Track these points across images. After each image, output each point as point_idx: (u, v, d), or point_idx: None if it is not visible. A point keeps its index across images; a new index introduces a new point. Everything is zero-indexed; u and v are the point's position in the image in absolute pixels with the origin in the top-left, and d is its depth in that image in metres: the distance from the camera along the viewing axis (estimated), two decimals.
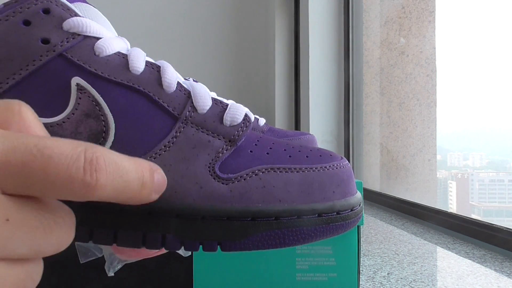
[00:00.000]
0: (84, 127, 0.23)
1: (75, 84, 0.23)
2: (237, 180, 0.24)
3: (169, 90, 0.24)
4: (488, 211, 1.32)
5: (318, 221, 0.24)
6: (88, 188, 0.18)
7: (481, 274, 0.56)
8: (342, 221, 0.25)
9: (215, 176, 0.23)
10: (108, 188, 0.18)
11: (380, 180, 1.34)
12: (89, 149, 0.18)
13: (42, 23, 0.23)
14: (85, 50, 0.24)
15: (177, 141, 0.24)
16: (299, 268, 0.45)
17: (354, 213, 0.25)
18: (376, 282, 0.52)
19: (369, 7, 1.45)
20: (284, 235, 0.24)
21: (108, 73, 0.24)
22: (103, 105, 0.23)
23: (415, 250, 0.68)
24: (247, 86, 2.03)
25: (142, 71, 0.24)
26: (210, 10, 2.02)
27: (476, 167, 1.46)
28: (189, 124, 0.24)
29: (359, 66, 1.49)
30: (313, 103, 1.53)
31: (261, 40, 2.05)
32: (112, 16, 0.28)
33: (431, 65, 1.21)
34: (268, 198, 0.24)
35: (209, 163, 0.24)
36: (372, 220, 0.95)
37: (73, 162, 0.17)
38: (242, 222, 0.23)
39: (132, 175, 0.19)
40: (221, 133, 0.25)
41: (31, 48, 0.23)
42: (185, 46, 1.99)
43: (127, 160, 0.19)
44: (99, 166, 0.18)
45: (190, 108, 0.25)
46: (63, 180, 0.17)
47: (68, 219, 0.19)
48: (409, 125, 1.25)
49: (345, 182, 0.25)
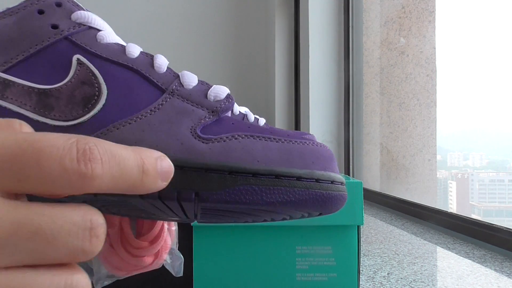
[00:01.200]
0: (78, 92, 0.25)
1: (76, 59, 0.26)
2: (217, 141, 0.25)
3: (159, 71, 0.27)
4: (488, 211, 1.32)
5: (297, 184, 0.24)
6: (84, 178, 0.17)
7: (481, 274, 0.56)
8: (322, 190, 0.25)
9: (196, 136, 0.25)
10: (106, 177, 0.18)
11: (380, 180, 1.34)
12: (81, 140, 0.18)
13: (54, 13, 0.27)
14: (89, 37, 0.27)
15: (162, 108, 0.25)
16: (299, 268, 0.45)
17: (335, 186, 0.25)
18: (376, 282, 0.52)
19: (369, 7, 1.45)
20: (262, 191, 0.24)
21: (106, 54, 0.27)
22: (98, 76, 0.26)
23: (415, 250, 0.68)
24: (247, 86, 2.03)
25: (137, 56, 0.27)
26: (210, 10, 2.02)
27: (476, 167, 1.46)
28: (175, 96, 0.26)
29: (359, 66, 1.49)
30: (313, 103, 1.53)
31: (261, 40, 2.05)
32: (112, 15, 0.30)
33: (431, 65, 1.21)
34: (246, 157, 0.24)
35: (192, 126, 0.25)
36: (372, 220, 0.95)
37: (66, 153, 0.17)
38: (220, 174, 0.24)
39: (130, 162, 0.19)
40: (204, 105, 0.26)
41: (42, 31, 0.26)
42: (185, 46, 1.99)
43: (124, 148, 0.19)
44: (93, 156, 0.17)
45: (177, 83, 0.27)
46: (57, 172, 0.17)
47: (81, 223, 0.18)
48: (409, 125, 1.25)
49: (325, 158, 0.26)
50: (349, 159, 1.50)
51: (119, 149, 0.19)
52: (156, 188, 0.20)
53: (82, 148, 0.17)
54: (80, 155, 0.17)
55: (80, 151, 0.17)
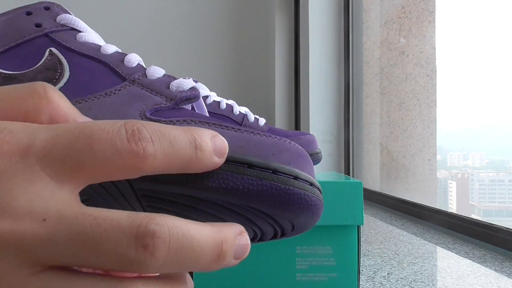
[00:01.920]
0: (40, 76, 0.26)
1: (48, 50, 0.27)
2: (165, 123, 0.23)
3: (128, 65, 0.28)
4: (488, 211, 1.32)
5: (249, 172, 0.21)
6: (137, 157, 0.17)
7: (481, 274, 0.56)
8: (279, 183, 0.21)
9: (144, 117, 0.24)
10: (159, 155, 0.18)
11: (380, 180, 1.34)
12: (128, 122, 0.18)
13: (40, 14, 0.29)
14: (68, 36, 0.28)
15: (119, 93, 0.26)
16: (299, 268, 0.45)
17: (300, 183, 0.21)
18: (376, 282, 0.52)
19: (369, 7, 1.45)
20: (204, 176, 0.21)
21: (79, 49, 0.28)
22: (64, 64, 0.27)
23: (415, 250, 0.68)
24: (247, 86, 2.03)
25: (110, 54, 0.28)
26: (210, 10, 2.02)
27: (476, 167, 1.46)
28: (135, 84, 0.26)
29: (359, 66, 1.49)
30: (313, 103, 1.53)
31: (261, 40, 2.05)
32: (112, 16, 0.30)
33: (431, 65, 1.21)
34: None
35: (142, 109, 0.25)
36: (372, 220, 0.95)
37: (116, 135, 0.17)
38: None
39: (182, 139, 0.19)
40: (163, 94, 0.26)
41: (25, 28, 0.28)
42: (185, 46, 1.99)
43: (173, 127, 0.19)
44: (142, 135, 0.17)
45: (140, 74, 0.27)
46: (110, 153, 0.17)
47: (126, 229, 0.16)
48: (409, 125, 1.25)
49: (292, 154, 0.22)
50: (349, 159, 1.50)
51: (168, 128, 0.19)
52: (213, 164, 0.20)
53: (130, 129, 0.17)
54: (130, 136, 0.17)
55: (129, 132, 0.17)
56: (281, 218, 0.22)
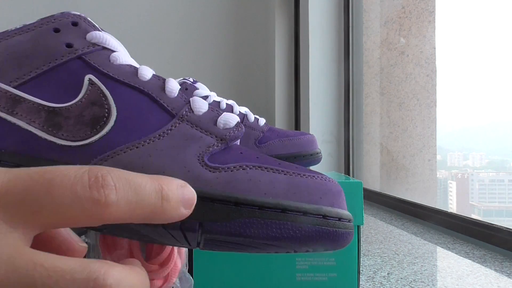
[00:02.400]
0: (88, 112, 0.25)
1: (88, 79, 0.26)
2: (224, 170, 0.24)
3: (170, 95, 0.27)
4: (488, 211, 1.32)
5: (304, 220, 0.23)
6: (98, 205, 0.17)
7: (481, 274, 0.56)
8: (329, 227, 0.24)
9: (203, 164, 0.24)
10: (122, 204, 0.17)
11: (380, 180, 1.34)
12: (93, 168, 0.17)
13: (69, 32, 0.27)
14: (102, 57, 0.27)
15: (171, 133, 0.25)
16: (299, 268, 0.45)
17: (343, 224, 0.25)
18: (376, 282, 0.52)
19: (369, 7, 1.45)
20: (267, 225, 0.23)
21: (118, 76, 0.27)
22: (109, 97, 0.26)
23: (415, 250, 0.68)
24: (247, 86, 2.03)
25: (149, 79, 0.27)
26: (210, 10, 2.02)
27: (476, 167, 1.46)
28: (184, 122, 0.26)
29: (359, 66, 1.49)
30: (313, 103, 1.53)
31: (261, 40, 2.05)
32: (111, 15, 0.30)
33: (431, 65, 1.21)
34: (253, 190, 0.24)
35: (199, 153, 0.25)
36: (372, 220, 0.95)
37: (77, 181, 0.17)
38: (225, 205, 0.23)
39: (148, 188, 0.18)
40: (213, 132, 0.26)
41: (56, 49, 0.26)
42: (185, 46, 1.99)
43: (140, 176, 0.18)
44: (106, 182, 0.17)
45: (188, 109, 0.27)
46: (69, 199, 0.17)
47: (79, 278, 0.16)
48: (409, 125, 1.25)
49: (333, 194, 0.25)
50: (349, 159, 1.50)
51: (135, 176, 0.18)
52: (178, 216, 0.20)
53: (94, 175, 0.17)
54: (92, 182, 0.17)
55: (92, 179, 0.17)
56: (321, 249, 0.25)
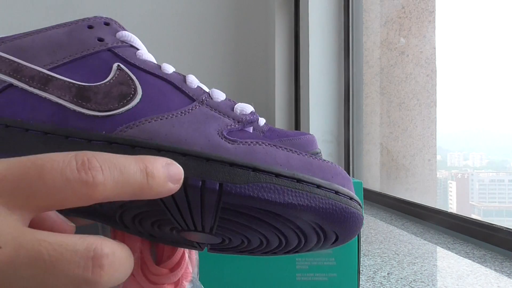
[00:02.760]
0: (116, 90, 0.27)
1: (116, 65, 0.28)
2: (242, 144, 0.26)
3: (191, 86, 0.29)
4: (488, 211, 1.32)
5: (317, 191, 0.24)
6: (87, 186, 0.18)
7: (481, 274, 0.56)
8: (341, 203, 0.25)
9: (222, 136, 0.26)
10: (109, 183, 0.19)
11: (380, 180, 1.34)
12: (79, 153, 0.19)
13: (102, 29, 0.30)
14: (129, 52, 0.30)
15: (192, 112, 0.27)
16: (299, 268, 0.45)
17: (354, 203, 0.26)
18: (376, 282, 0.52)
19: (369, 7, 1.45)
20: (284, 191, 0.24)
21: (144, 67, 0.29)
22: (135, 81, 0.28)
23: (415, 250, 0.68)
24: (247, 86, 2.03)
25: (171, 73, 0.30)
26: (210, 10, 2.02)
27: (476, 167, 1.46)
28: (204, 105, 0.28)
29: (359, 66, 1.49)
30: (313, 103, 1.53)
31: (261, 40, 2.05)
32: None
33: (431, 65, 1.21)
34: (270, 161, 0.25)
35: (219, 129, 0.26)
36: (372, 220, 0.95)
37: (66, 165, 0.18)
38: (244, 170, 0.24)
39: (132, 167, 0.20)
40: (231, 116, 0.28)
41: (89, 41, 0.29)
42: (185, 45, 1.99)
43: (124, 157, 0.20)
44: (92, 165, 0.19)
45: (207, 95, 0.29)
46: (60, 182, 0.18)
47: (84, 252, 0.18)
48: (409, 125, 1.25)
49: (343, 177, 0.26)
50: (349, 159, 1.50)
51: (119, 157, 0.20)
52: (167, 190, 0.21)
53: (80, 159, 0.19)
54: (79, 165, 0.18)
55: (79, 162, 0.18)
56: (332, 231, 0.26)
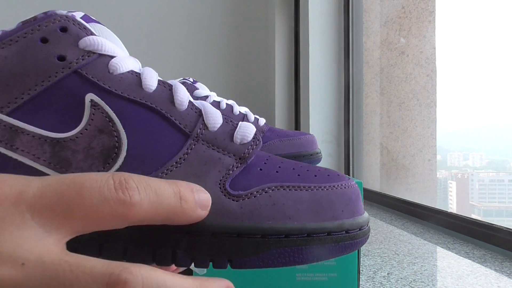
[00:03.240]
0: (96, 142, 0.23)
1: (89, 100, 0.23)
2: (247, 197, 0.24)
3: (181, 108, 0.25)
4: (488, 211, 1.32)
5: (328, 240, 0.24)
6: (124, 205, 0.18)
7: (481, 274, 0.56)
8: (350, 240, 0.25)
9: (225, 193, 0.24)
10: (145, 204, 0.19)
11: (380, 180, 1.34)
12: (116, 173, 0.19)
13: (59, 41, 0.24)
14: (100, 68, 0.24)
15: (188, 158, 0.24)
16: (299, 268, 0.45)
17: (362, 232, 0.26)
18: (376, 282, 0.52)
19: (369, 7, 1.45)
20: (294, 253, 0.24)
21: (122, 90, 0.24)
22: (116, 121, 0.23)
23: (415, 250, 0.68)
24: (247, 86, 2.03)
25: (155, 89, 0.25)
26: (210, 10, 2.02)
27: (476, 167, 1.46)
28: (200, 141, 0.24)
29: (359, 66, 1.49)
30: (313, 103, 1.53)
31: (261, 40, 2.05)
32: (111, 15, 0.28)
33: (431, 65, 1.21)
34: (278, 215, 0.24)
35: (220, 180, 0.24)
36: (372, 220, 0.95)
37: (104, 184, 0.18)
38: (253, 239, 0.23)
39: (167, 191, 0.20)
40: (231, 151, 0.25)
41: (48, 64, 0.23)
42: (185, 46, 1.99)
43: (158, 180, 0.20)
44: (129, 185, 0.19)
45: (201, 125, 0.25)
46: (98, 202, 0.18)
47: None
48: (409, 125, 1.25)
49: (353, 202, 0.26)
50: (349, 159, 1.50)
51: (154, 180, 0.20)
52: (197, 216, 0.21)
53: (118, 179, 0.19)
54: (117, 185, 0.19)
55: (116, 181, 0.19)
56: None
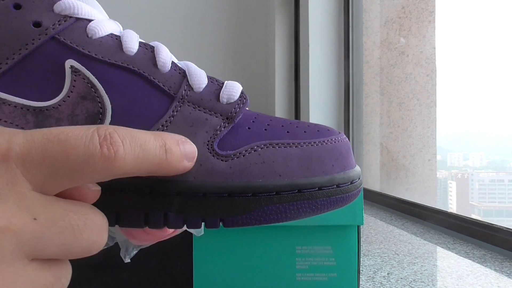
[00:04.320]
0: (80, 109, 0.22)
1: (69, 66, 0.23)
2: (236, 157, 0.24)
3: (164, 70, 0.24)
4: (488, 211, 1.32)
5: (319, 195, 0.24)
6: (108, 160, 0.18)
7: (481, 274, 0.56)
8: (342, 194, 0.25)
9: (214, 153, 0.23)
10: (129, 158, 0.19)
11: (380, 180, 1.34)
12: (100, 127, 0.19)
13: (33, 6, 0.23)
14: (78, 33, 0.23)
15: (174, 120, 0.23)
16: (299, 268, 0.45)
17: (353, 186, 0.26)
18: (376, 282, 0.52)
19: (369, 7, 1.45)
20: (286, 209, 0.24)
21: (102, 55, 0.23)
22: (99, 87, 0.23)
23: (415, 250, 0.68)
24: (247, 86, 2.03)
25: (136, 52, 0.24)
26: (210, 10, 2.02)
27: (476, 167, 1.46)
28: (185, 103, 0.24)
29: (359, 66, 1.49)
30: (313, 103, 1.53)
31: (261, 40, 2.05)
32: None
33: (431, 65, 1.21)
34: (268, 173, 0.23)
35: (208, 140, 0.24)
36: (372, 220, 0.95)
37: (89, 140, 0.18)
38: (244, 197, 0.23)
39: (152, 144, 0.20)
40: (218, 111, 0.24)
41: (23, 32, 0.22)
42: (184, 45, 1.99)
43: (144, 132, 0.20)
44: (114, 139, 0.19)
45: (186, 87, 0.24)
46: (83, 158, 0.18)
47: (100, 222, 0.19)
48: (409, 125, 1.25)
49: (343, 156, 0.26)
50: None
51: (139, 132, 0.20)
52: (183, 167, 0.21)
53: (103, 134, 0.19)
54: (102, 140, 0.18)
55: (101, 137, 0.18)
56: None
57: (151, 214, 0.23)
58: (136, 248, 0.29)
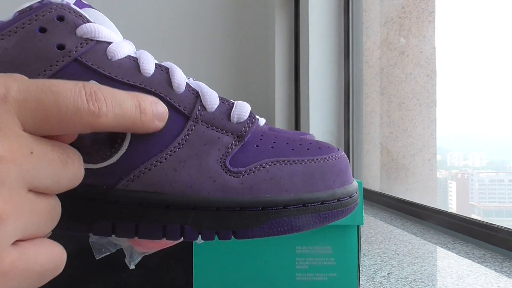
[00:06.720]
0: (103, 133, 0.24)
1: None
2: (246, 173, 0.25)
3: (179, 91, 0.26)
4: (488, 211, 1.32)
5: (322, 208, 0.26)
6: (93, 116, 0.20)
7: (481, 274, 0.56)
8: (342, 208, 0.27)
9: (226, 170, 0.25)
10: (110, 115, 0.21)
11: (380, 180, 1.34)
12: (86, 84, 0.21)
13: (57, 30, 0.24)
14: (98, 55, 0.25)
15: (189, 139, 0.25)
16: (299, 268, 0.45)
17: (352, 199, 0.28)
18: (376, 282, 0.52)
19: (369, 7, 1.45)
20: (292, 222, 0.26)
21: (122, 76, 0.25)
22: None
23: (415, 250, 0.68)
24: (247, 86, 2.03)
25: (153, 73, 0.26)
26: (210, 10, 2.02)
27: (476, 167, 1.46)
28: (199, 123, 0.26)
29: (359, 66, 1.49)
30: (313, 103, 1.53)
31: (261, 40, 2.05)
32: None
33: (431, 65, 1.21)
34: (275, 189, 0.25)
35: (220, 158, 0.25)
36: (372, 220, 0.95)
37: (77, 95, 0.20)
38: (254, 211, 0.25)
39: (129, 102, 0.22)
40: (229, 130, 0.26)
41: (48, 53, 0.24)
42: (185, 46, 1.99)
43: (122, 91, 0.22)
44: (98, 97, 0.20)
45: (200, 107, 0.26)
46: (72, 110, 0.20)
47: (77, 157, 0.21)
48: (409, 125, 1.25)
49: (343, 171, 0.28)
50: (349, 159, 1.50)
51: (119, 92, 0.22)
52: (154, 127, 0.23)
53: (89, 91, 0.20)
54: (88, 96, 0.20)
55: (88, 93, 0.20)
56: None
57: (169, 227, 0.24)
58: (140, 254, 0.30)
